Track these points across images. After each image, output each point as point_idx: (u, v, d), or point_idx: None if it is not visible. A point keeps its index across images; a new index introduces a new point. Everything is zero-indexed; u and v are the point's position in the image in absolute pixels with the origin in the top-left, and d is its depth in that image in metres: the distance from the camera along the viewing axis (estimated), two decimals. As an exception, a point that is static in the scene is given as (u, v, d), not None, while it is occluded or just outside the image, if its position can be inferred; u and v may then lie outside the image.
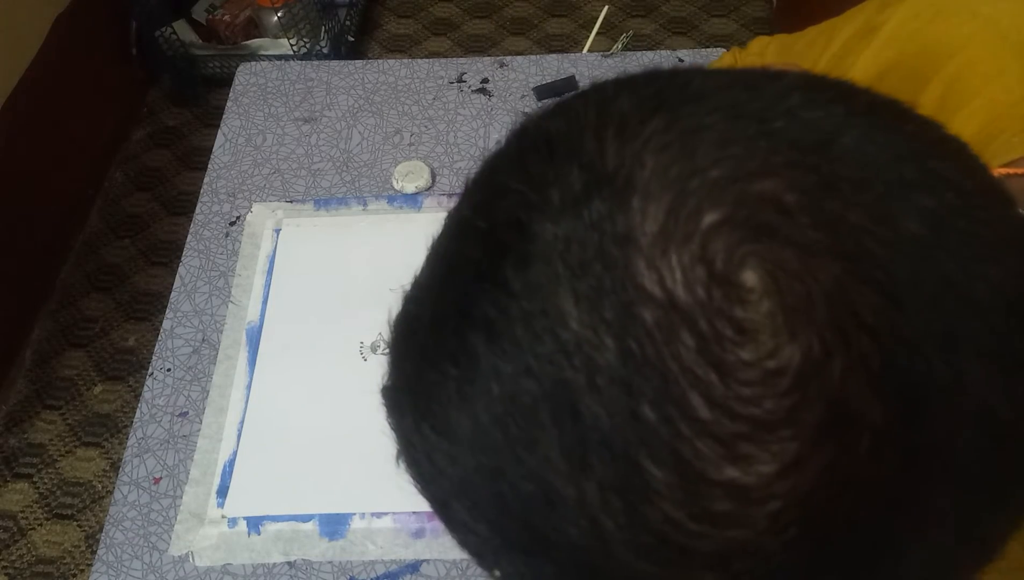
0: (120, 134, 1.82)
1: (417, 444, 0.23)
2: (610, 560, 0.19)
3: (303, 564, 0.57)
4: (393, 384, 0.25)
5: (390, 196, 0.76)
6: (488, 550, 0.22)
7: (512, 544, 0.21)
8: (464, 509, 0.22)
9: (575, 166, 0.21)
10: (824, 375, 0.17)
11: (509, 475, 0.20)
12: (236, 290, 0.70)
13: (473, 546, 0.23)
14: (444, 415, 0.21)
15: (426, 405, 0.22)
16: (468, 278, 0.22)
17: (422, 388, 0.23)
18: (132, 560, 0.57)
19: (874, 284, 0.18)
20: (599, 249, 0.19)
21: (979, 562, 0.22)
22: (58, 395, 1.45)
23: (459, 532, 0.23)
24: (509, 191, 0.22)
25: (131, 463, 0.62)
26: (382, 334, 0.67)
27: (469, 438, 0.21)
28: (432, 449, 0.22)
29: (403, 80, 0.87)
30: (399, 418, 0.25)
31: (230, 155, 0.81)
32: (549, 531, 0.20)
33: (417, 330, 0.24)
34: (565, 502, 0.19)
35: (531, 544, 0.20)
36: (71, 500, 1.33)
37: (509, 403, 0.20)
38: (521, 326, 0.20)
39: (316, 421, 0.63)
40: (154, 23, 1.81)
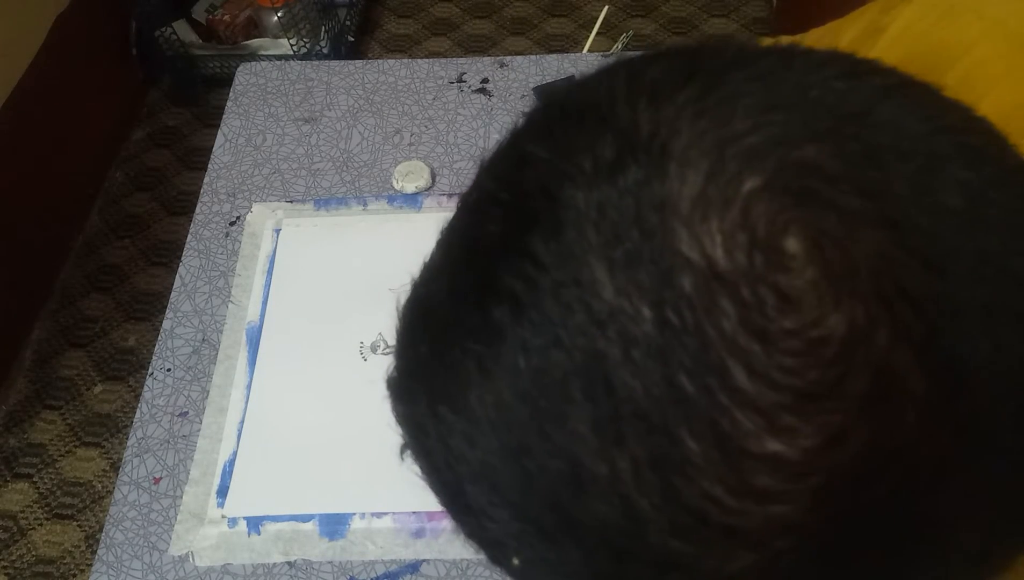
0: (120, 134, 1.82)
1: (431, 430, 0.22)
2: (642, 542, 0.18)
3: (303, 564, 0.57)
4: (403, 371, 0.25)
5: (390, 196, 0.76)
6: (507, 537, 0.21)
7: (536, 529, 0.20)
8: (483, 494, 0.21)
9: (607, 133, 0.20)
10: (869, 345, 0.17)
11: (535, 454, 0.19)
12: (236, 290, 0.70)
13: (490, 534, 0.22)
14: (463, 395, 0.20)
15: (443, 387, 0.21)
16: (491, 251, 0.21)
17: (438, 369, 0.22)
18: (132, 560, 0.57)
19: (917, 254, 0.18)
20: (635, 216, 0.18)
21: (1020, 543, 0.21)
22: (58, 395, 1.45)
23: (473, 520, 0.22)
24: (536, 160, 0.21)
25: (131, 463, 0.62)
26: (382, 334, 0.67)
27: (492, 417, 0.20)
28: (448, 433, 0.21)
29: (403, 80, 0.87)
30: (409, 405, 0.24)
31: (230, 155, 0.81)
32: (577, 512, 0.19)
33: (432, 311, 0.23)
34: (596, 480, 0.18)
35: (557, 528, 0.20)
36: (71, 500, 1.33)
37: (537, 377, 0.19)
38: (551, 297, 0.19)
39: (316, 421, 0.63)
40: (154, 23, 1.81)
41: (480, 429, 0.20)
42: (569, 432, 0.18)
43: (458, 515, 0.23)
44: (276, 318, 0.68)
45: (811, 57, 0.22)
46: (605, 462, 0.18)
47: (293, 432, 0.62)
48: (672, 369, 0.17)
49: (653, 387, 0.18)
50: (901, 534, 0.18)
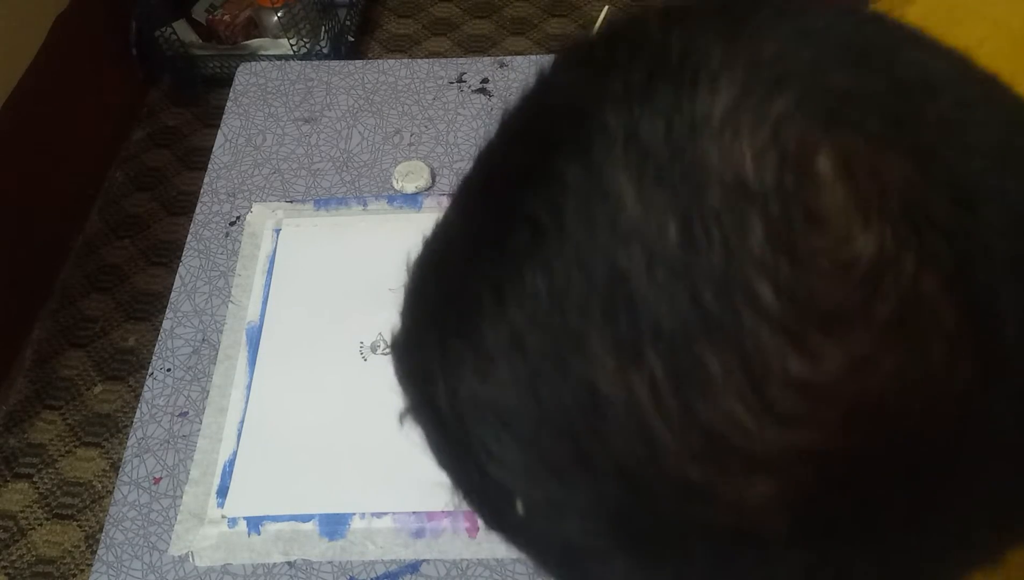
0: (120, 134, 1.82)
1: (438, 374, 0.21)
2: (659, 471, 0.18)
3: (303, 564, 0.57)
4: (412, 322, 0.24)
5: (390, 196, 0.76)
6: (515, 479, 0.20)
7: (546, 465, 0.19)
8: (490, 434, 0.20)
9: (639, 58, 0.20)
10: (898, 269, 0.17)
11: (550, 381, 0.18)
12: (236, 290, 0.70)
13: (495, 481, 0.21)
14: (476, 326, 0.20)
15: (454, 323, 0.21)
16: (512, 181, 0.21)
17: (450, 309, 0.21)
18: (132, 560, 0.57)
19: (946, 187, 0.18)
20: (665, 134, 0.18)
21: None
22: (58, 395, 1.45)
23: (476, 471, 0.21)
24: (564, 87, 0.21)
25: (131, 463, 0.62)
26: (382, 334, 0.67)
27: (505, 346, 0.19)
28: (457, 373, 0.20)
29: (403, 80, 0.87)
30: (416, 354, 0.23)
31: (230, 155, 0.81)
32: (592, 442, 0.18)
33: (446, 257, 0.23)
34: (613, 406, 0.18)
35: (570, 461, 0.19)
36: (71, 500, 1.33)
37: (555, 300, 0.18)
38: (574, 216, 0.18)
39: (316, 421, 0.63)
40: (154, 23, 1.81)
41: (493, 361, 0.20)
42: (587, 356, 0.18)
43: (461, 467, 0.22)
44: (276, 318, 0.68)
45: (836, 4, 0.22)
46: (623, 385, 0.18)
47: (293, 432, 0.62)
48: (696, 286, 0.17)
49: (676, 305, 0.17)
50: (923, 473, 0.18)
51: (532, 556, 0.23)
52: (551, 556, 0.22)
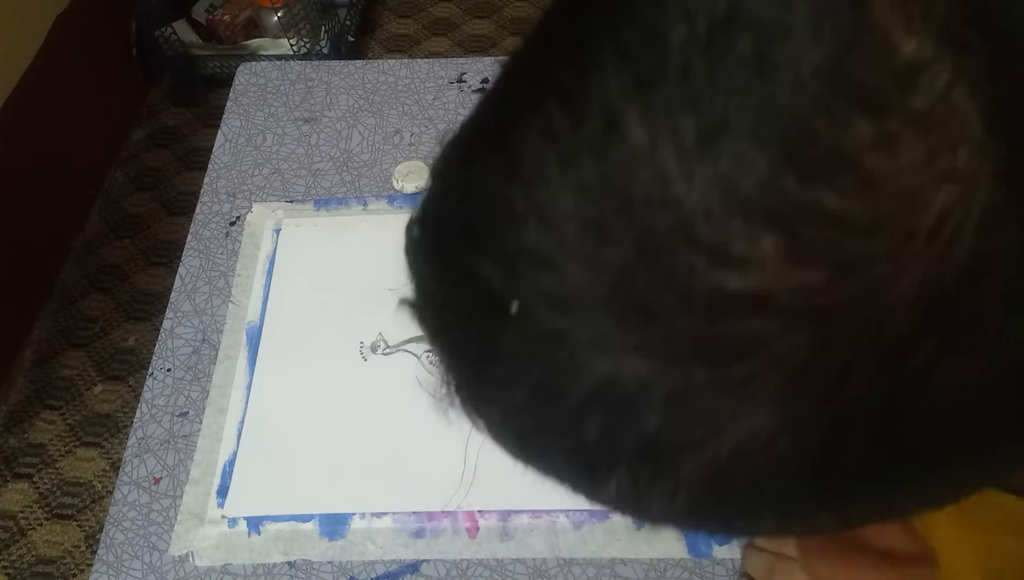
0: (120, 134, 1.83)
1: (492, 196, 0.20)
2: (675, 235, 0.17)
3: (303, 564, 0.57)
4: (439, 191, 0.23)
5: (390, 196, 0.76)
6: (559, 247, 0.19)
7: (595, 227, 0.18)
8: (551, 242, 0.19)
9: None
10: (933, 73, 0.16)
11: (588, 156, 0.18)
12: (236, 290, 0.70)
13: (547, 289, 0.19)
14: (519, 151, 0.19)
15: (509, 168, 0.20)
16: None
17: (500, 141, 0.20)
18: (132, 560, 0.57)
19: (987, 16, 0.17)
20: None
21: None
22: (58, 395, 1.45)
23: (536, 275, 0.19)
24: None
25: (131, 463, 0.62)
26: (382, 334, 0.67)
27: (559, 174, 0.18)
28: (508, 202, 0.19)
29: (403, 80, 0.87)
30: (452, 203, 0.22)
31: (230, 155, 0.81)
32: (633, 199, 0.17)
33: (489, 122, 0.22)
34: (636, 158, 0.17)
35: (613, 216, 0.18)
36: (71, 500, 1.33)
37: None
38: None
39: (316, 421, 0.63)
40: (154, 23, 1.82)
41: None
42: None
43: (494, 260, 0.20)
44: (276, 318, 0.69)
45: None
46: (649, 136, 0.17)
47: (293, 432, 0.62)
48: (736, 44, 0.17)
49: (718, 67, 0.17)
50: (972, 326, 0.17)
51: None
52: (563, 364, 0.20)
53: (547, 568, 0.56)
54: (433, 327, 0.23)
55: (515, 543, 0.56)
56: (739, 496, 0.20)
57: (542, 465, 0.23)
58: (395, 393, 0.63)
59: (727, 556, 0.55)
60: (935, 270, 0.16)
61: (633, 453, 0.19)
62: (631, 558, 0.55)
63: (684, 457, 0.19)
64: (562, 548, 0.56)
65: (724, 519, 0.21)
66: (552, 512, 0.57)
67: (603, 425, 0.19)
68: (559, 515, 0.57)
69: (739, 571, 0.55)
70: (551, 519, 0.57)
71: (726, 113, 0.17)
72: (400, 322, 0.71)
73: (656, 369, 0.18)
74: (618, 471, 0.20)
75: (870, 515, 0.22)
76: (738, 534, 0.24)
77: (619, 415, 0.19)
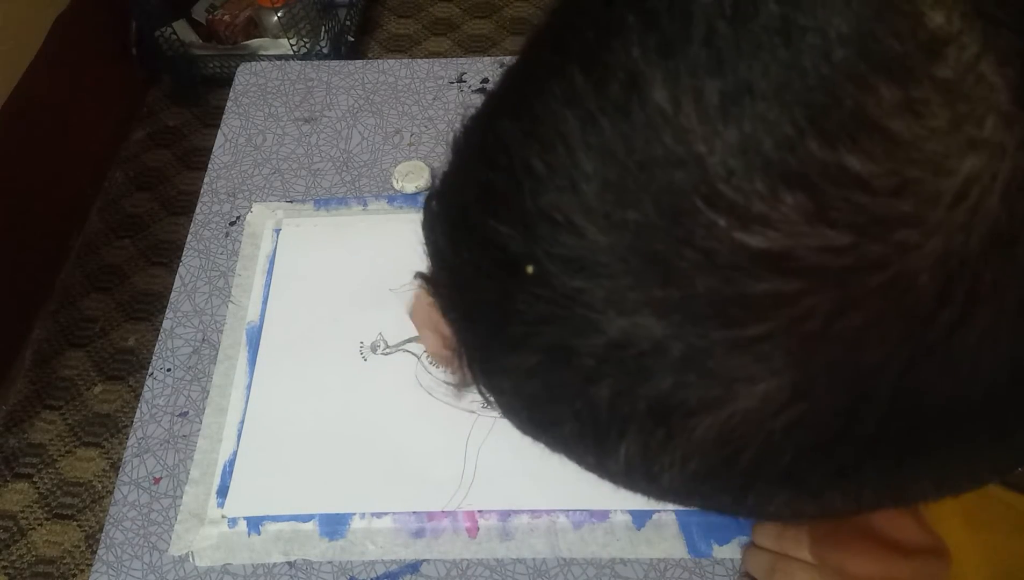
0: (120, 134, 1.83)
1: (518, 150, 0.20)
2: (695, 195, 0.17)
3: (303, 564, 0.57)
4: (458, 162, 0.23)
5: (390, 196, 0.76)
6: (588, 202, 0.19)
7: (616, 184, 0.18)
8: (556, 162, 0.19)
9: None
10: (960, 45, 0.16)
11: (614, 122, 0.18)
12: (236, 290, 0.70)
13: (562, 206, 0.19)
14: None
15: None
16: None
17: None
18: (132, 560, 0.57)
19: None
20: None
21: None
22: (58, 395, 1.45)
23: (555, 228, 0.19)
24: None
25: (131, 463, 0.62)
26: (382, 334, 0.67)
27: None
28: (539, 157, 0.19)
29: (403, 80, 0.87)
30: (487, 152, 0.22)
31: (230, 155, 0.81)
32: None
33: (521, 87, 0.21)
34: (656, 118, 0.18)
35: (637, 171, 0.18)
36: (71, 500, 1.33)
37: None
38: None
39: (316, 421, 0.63)
40: (154, 23, 1.82)
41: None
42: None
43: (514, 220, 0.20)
44: (276, 318, 0.68)
45: None
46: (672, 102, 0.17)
47: (293, 432, 0.62)
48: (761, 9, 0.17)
49: (743, 21, 0.17)
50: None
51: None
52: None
53: (547, 568, 0.56)
54: (448, 297, 0.23)
55: (515, 543, 0.56)
56: (751, 465, 0.19)
57: (552, 436, 0.23)
58: (395, 393, 0.63)
59: (727, 556, 0.55)
60: (959, 236, 0.16)
61: (644, 416, 0.19)
62: (631, 558, 0.55)
63: (696, 420, 0.19)
64: (562, 548, 0.56)
65: (735, 493, 0.21)
66: (552, 512, 0.57)
67: (615, 387, 0.19)
68: (559, 515, 0.57)
69: (739, 571, 0.55)
70: (551, 519, 0.57)
71: (750, 77, 0.17)
72: (400, 322, 0.72)
73: (671, 329, 0.18)
74: (629, 436, 0.20)
75: (884, 496, 0.22)
76: (749, 514, 0.23)
77: (632, 376, 0.19)
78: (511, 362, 0.21)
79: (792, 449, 0.19)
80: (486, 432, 0.61)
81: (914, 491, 0.22)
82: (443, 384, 0.63)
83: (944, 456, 0.20)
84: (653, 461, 0.20)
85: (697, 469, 0.20)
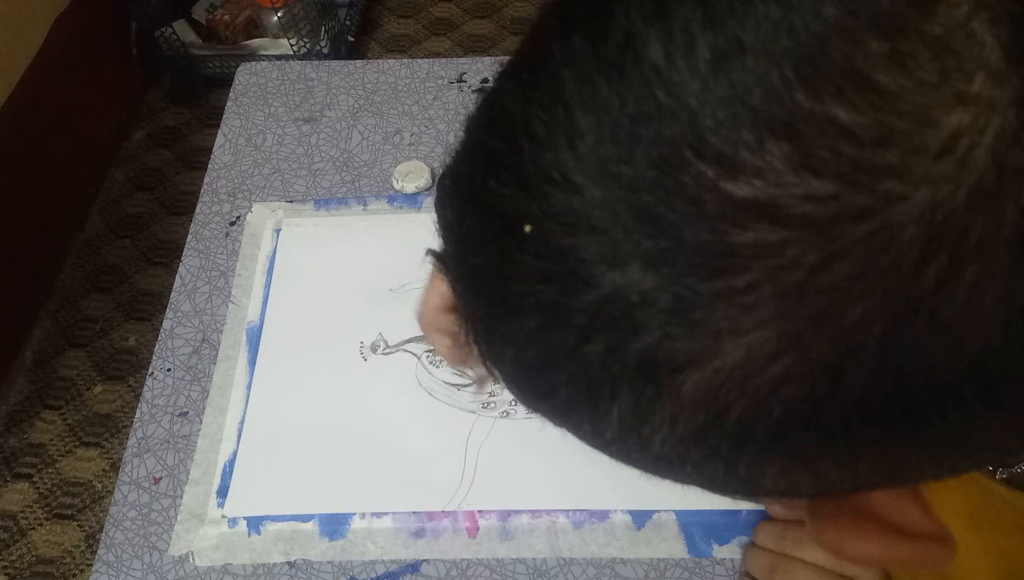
0: (120, 134, 1.83)
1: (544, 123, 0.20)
2: (687, 147, 0.17)
3: (303, 564, 0.57)
4: (468, 138, 0.23)
5: (390, 196, 0.76)
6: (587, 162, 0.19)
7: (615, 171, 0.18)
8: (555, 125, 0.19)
9: None
10: (950, 3, 0.16)
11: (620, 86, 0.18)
12: (236, 290, 0.70)
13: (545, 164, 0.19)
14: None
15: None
16: None
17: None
18: (132, 560, 0.57)
19: None
20: None
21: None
22: (58, 395, 1.45)
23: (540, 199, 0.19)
24: None
25: (131, 463, 0.62)
26: (382, 334, 0.67)
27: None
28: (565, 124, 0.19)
29: (403, 80, 0.87)
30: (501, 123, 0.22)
31: (230, 155, 0.81)
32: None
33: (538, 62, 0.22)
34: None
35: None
36: (71, 500, 1.33)
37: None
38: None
39: (316, 421, 0.63)
40: (154, 23, 1.82)
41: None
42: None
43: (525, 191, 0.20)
44: (276, 318, 0.68)
45: None
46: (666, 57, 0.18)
47: (293, 432, 0.62)
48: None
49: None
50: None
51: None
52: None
53: (547, 568, 0.56)
54: (455, 269, 0.24)
55: (515, 543, 0.56)
56: (739, 425, 0.19)
57: (552, 405, 0.23)
58: (395, 393, 0.63)
59: (727, 556, 0.55)
60: (945, 188, 0.16)
61: (634, 373, 0.19)
62: (631, 558, 0.55)
63: (683, 375, 0.19)
64: (562, 548, 0.56)
65: (726, 459, 0.21)
66: (552, 512, 0.57)
67: (606, 344, 0.19)
68: (559, 515, 0.57)
69: (739, 571, 0.55)
70: (551, 519, 0.57)
71: (741, 33, 0.17)
72: (400, 322, 0.72)
73: (660, 280, 0.18)
74: (620, 396, 0.20)
75: (880, 472, 0.22)
76: (744, 488, 0.23)
77: (622, 331, 0.19)
78: (511, 327, 0.21)
79: (780, 407, 0.19)
80: (486, 432, 0.61)
81: (912, 467, 0.22)
82: (443, 384, 0.63)
83: (937, 426, 0.20)
84: (644, 421, 0.20)
85: (686, 429, 0.20)
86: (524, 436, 0.60)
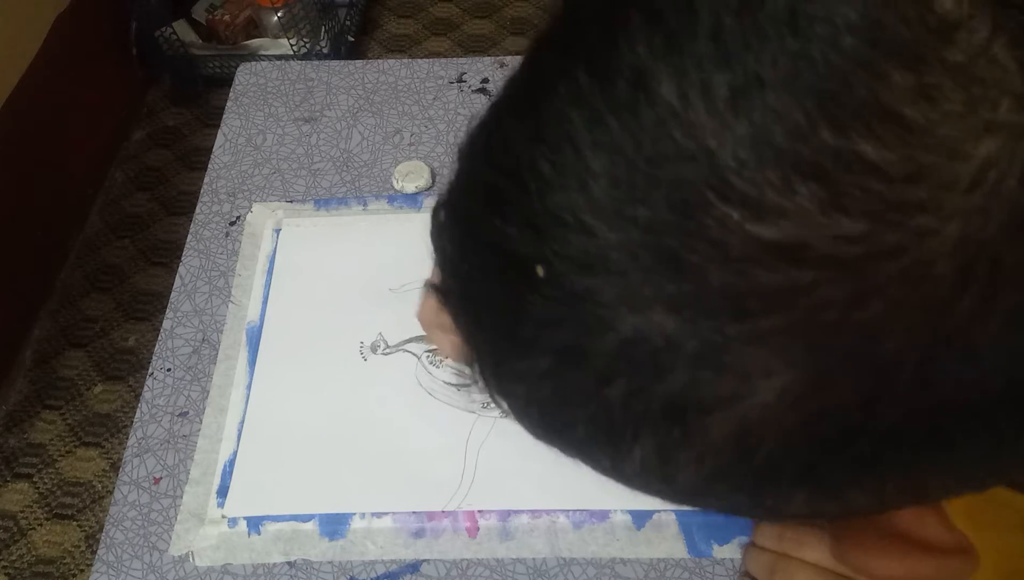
0: (120, 134, 1.83)
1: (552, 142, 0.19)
2: (707, 187, 0.17)
3: (303, 564, 0.57)
4: (465, 169, 0.23)
5: (390, 196, 0.76)
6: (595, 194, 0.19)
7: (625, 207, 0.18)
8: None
9: None
10: (971, 28, 0.16)
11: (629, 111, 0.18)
12: (236, 290, 0.70)
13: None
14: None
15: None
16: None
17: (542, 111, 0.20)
18: (132, 560, 0.57)
19: None
20: None
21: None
22: (58, 395, 1.45)
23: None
24: None
25: (131, 463, 0.62)
26: (382, 334, 0.67)
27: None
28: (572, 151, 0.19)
29: (403, 80, 0.87)
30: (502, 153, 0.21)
31: (230, 155, 0.81)
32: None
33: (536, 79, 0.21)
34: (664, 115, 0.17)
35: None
36: (71, 500, 1.33)
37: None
38: None
39: (316, 421, 0.63)
40: (154, 23, 1.82)
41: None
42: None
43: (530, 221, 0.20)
44: (276, 318, 0.68)
45: None
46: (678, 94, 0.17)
47: (293, 432, 0.62)
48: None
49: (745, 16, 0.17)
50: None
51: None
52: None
53: (547, 568, 0.56)
54: (459, 304, 0.23)
55: (515, 543, 0.56)
56: (768, 462, 0.19)
57: (566, 440, 0.23)
58: (395, 393, 0.63)
59: (727, 556, 0.55)
60: (977, 221, 0.16)
61: (658, 415, 0.19)
62: (631, 558, 0.55)
63: (712, 417, 0.18)
64: (562, 548, 0.56)
65: (752, 492, 0.21)
66: (552, 512, 0.57)
67: (628, 387, 0.19)
68: (559, 515, 0.57)
69: (739, 571, 0.55)
70: (551, 519, 0.57)
71: (759, 69, 0.17)
72: (400, 322, 0.72)
73: (685, 324, 0.18)
74: (643, 437, 0.20)
75: (907, 493, 0.21)
76: (768, 515, 0.23)
77: (645, 375, 0.19)
78: (523, 366, 0.21)
79: (810, 444, 0.18)
80: (486, 432, 0.61)
81: (936, 487, 0.22)
82: (443, 384, 0.63)
83: (967, 450, 0.19)
84: (668, 461, 0.20)
85: (713, 468, 0.20)
86: (524, 436, 0.59)
